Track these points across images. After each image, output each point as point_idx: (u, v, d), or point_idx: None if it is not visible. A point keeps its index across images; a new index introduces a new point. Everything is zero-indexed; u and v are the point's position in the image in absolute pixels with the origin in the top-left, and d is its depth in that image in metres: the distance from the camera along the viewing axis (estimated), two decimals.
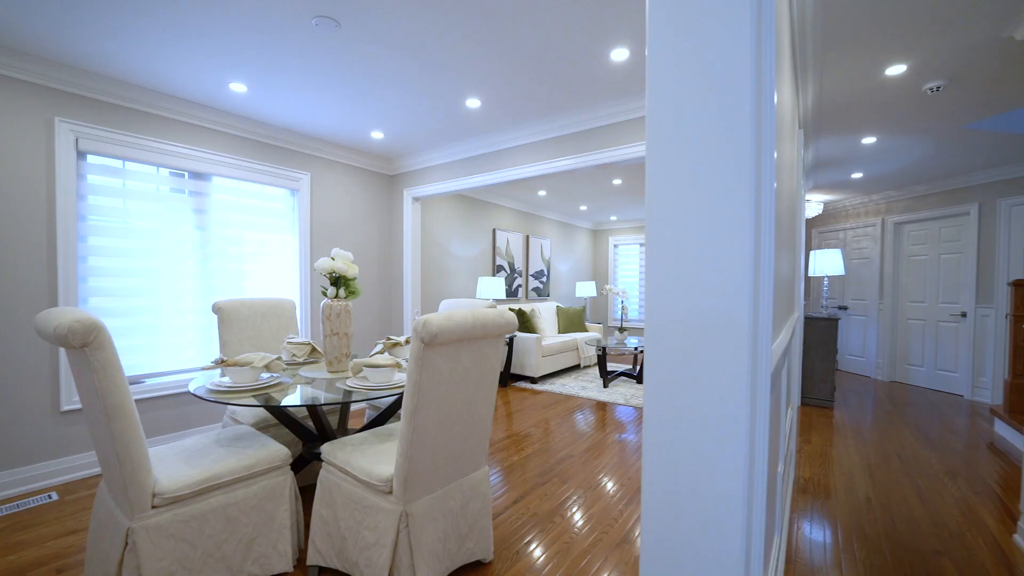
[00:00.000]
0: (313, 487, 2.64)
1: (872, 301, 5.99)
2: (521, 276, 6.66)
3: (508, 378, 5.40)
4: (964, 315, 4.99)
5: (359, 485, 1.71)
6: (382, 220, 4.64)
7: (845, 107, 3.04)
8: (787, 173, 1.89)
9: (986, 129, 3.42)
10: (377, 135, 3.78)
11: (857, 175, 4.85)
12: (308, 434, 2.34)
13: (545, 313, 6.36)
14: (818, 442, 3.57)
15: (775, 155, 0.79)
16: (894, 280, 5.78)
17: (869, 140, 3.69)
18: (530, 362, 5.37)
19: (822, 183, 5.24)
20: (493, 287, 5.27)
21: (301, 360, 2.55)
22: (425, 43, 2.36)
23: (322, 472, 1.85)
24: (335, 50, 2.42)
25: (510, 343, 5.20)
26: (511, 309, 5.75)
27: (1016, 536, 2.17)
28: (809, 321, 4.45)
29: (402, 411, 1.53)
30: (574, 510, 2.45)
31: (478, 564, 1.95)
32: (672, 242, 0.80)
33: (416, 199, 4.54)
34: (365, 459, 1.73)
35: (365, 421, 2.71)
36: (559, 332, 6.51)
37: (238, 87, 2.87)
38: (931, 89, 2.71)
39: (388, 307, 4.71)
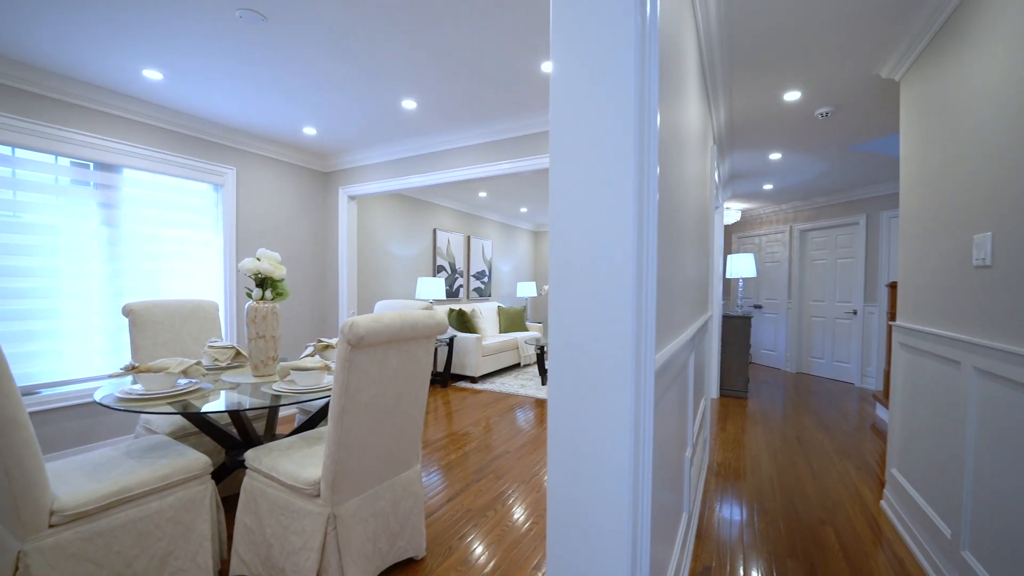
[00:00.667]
0: (238, 496, 2.54)
1: (782, 300, 6.62)
2: (462, 276, 6.69)
3: (448, 378, 5.42)
4: (855, 313, 5.65)
5: (285, 490, 1.69)
6: (316, 218, 4.50)
7: (753, 126, 3.37)
8: (695, 184, 2.09)
9: (868, 151, 3.92)
10: (310, 131, 3.67)
11: (768, 186, 5.35)
12: (232, 441, 2.25)
13: (486, 313, 6.44)
14: (732, 429, 3.92)
15: (658, 170, 0.90)
16: (800, 281, 6.43)
17: (775, 156, 4.10)
18: (471, 362, 5.42)
19: (739, 192, 5.72)
20: (433, 288, 5.27)
21: (224, 365, 2.44)
22: (358, 42, 2.34)
23: (246, 479, 1.80)
24: (262, 44, 2.35)
25: (450, 343, 5.22)
26: (451, 310, 5.78)
27: (882, 502, 2.52)
28: (726, 319, 4.85)
29: (329, 413, 1.53)
30: (509, 503, 2.54)
31: (410, 561, 1.98)
32: (568, 247, 0.89)
33: (352, 198, 4.45)
34: (292, 463, 1.70)
35: (295, 426, 2.64)
36: (500, 332, 6.62)
37: (153, 74, 2.69)
38: (821, 114, 3.08)
39: (322, 308, 4.58)
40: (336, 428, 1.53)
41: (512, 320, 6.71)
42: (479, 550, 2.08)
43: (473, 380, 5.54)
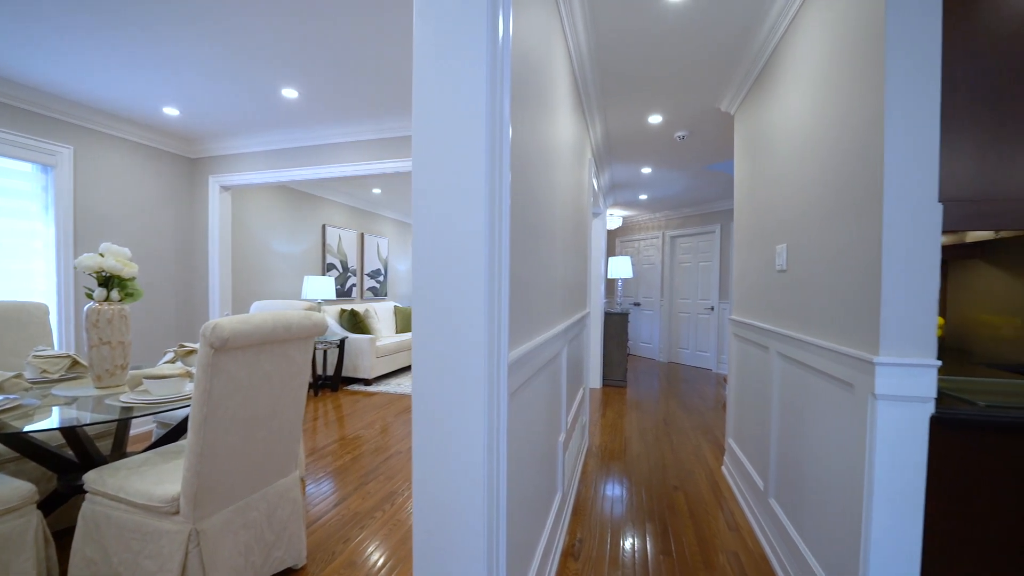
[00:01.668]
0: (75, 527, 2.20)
1: (656, 299, 7.42)
2: (355, 275, 6.43)
3: (340, 382, 5.19)
4: (712, 309, 6.56)
5: (137, 511, 1.53)
6: (181, 209, 4.01)
7: (626, 142, 3.76)
8: (569, 192, 2.30)
9: (719, 170, 4.59)
10: (171, 111, 3.28)
11: (643, 197, 5.98)
12: (67, 465, 1.95)
13: (382, 313, 6.27)
14: (611, 415, 4.33)
15: (510, 179, 1.02)
16: (671, 282, 7.27)
17: (647, 170, 4.62)
18: (364, 364, 5.25)
19: (620, 201, 6.30)
20: (322, 287, 5.00)
21: (56, 376, 2.11)
22: (230, 22, 2.17)
23: (86, 505, 1.59)
24: (109, 10, 2.06)
25: (341, 345, 5.00)
26: (343, 310, 5.53)
27: (723, 467, 3.00)
28: (607, 316, 5.32)
29: (189, 422, 1.42)
30: (399, 501, 2.54)
31: (290, 572, 1.91)
32: (426, 250, 0.97)
33: (226, 188, 4.05)
34: (145, 481, 1.55)
35: (152, 441, 2.34)
36: (397, 332, 6.49)
37: None
38: (679, 137, 3.55)
39: (189, 310, 4.10)
40: (198, 438, 1.43)
41: (409, 320, 6.62)
42: (365, 551, 2.07)
43: (367, 382, 5.37)
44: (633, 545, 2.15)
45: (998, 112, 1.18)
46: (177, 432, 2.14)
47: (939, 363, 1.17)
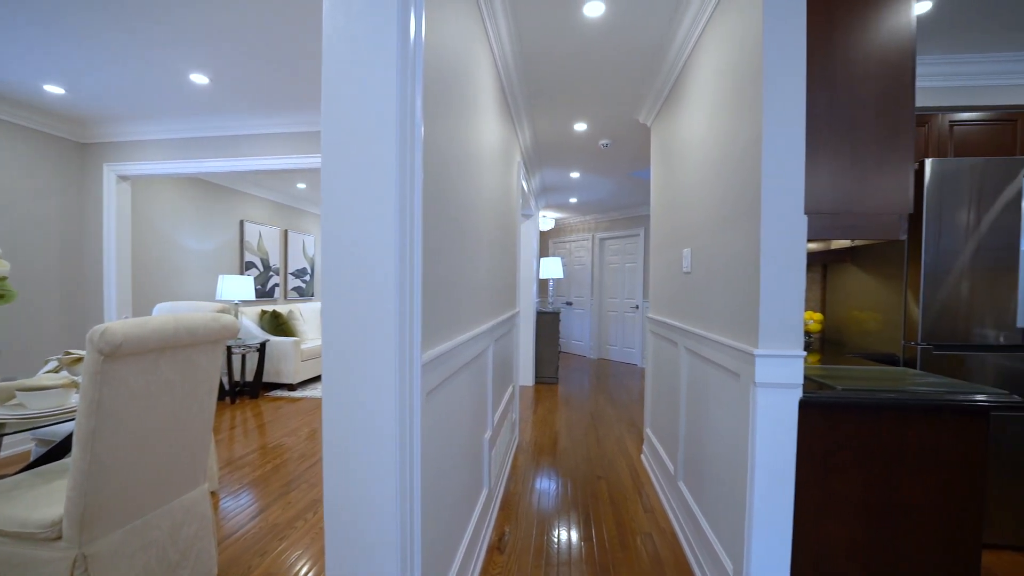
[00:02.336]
0: None
1: (587, 298, 7.72)
2: (279, 274, 6.08)
3: (260, 388, 4.88)
4: (637, 307, 6.95)
5: (8, 540, 1.36)
6: (67, 200, 3.58)
7: (554, 148, 3.90)
8: (496, 194, 2.35)
9: (642, 177, 4.88)
10: (55, 90, 2.92)
11: (574, 200, 6.20)
12: None
13: (308, 314, 5.98)
14: (542, 411, 4.46)
15: (421, 179, 1.03)
16: (600, 282, 7.60)
17: (575, 174, 4.80)
18: (287, 368, 4.98)
19: (552, 203, 6.49)
20: (239, 287, 4.68)
21: None
22: None
23: None
24: None
25: (261, 349, 4.71)
26: (263, 311, 5.22)
27: (642, 455, 3.21)
28: (540, 315, 5.47)
29: (74, 437, 1.30)
30: (320, 511, 2.46)
31: None
32: (337, 251, 0.97)
33: (124, 178, 3.67)
34: (18, 506, 1.38)
35: (30, 461, 2.07)
36: None
37: None
38: (604, 144, 3.74)
39: (79, 313, 3.67)
40: (85, 454, 1.31)
41: None
42: (285, 563, 1.99)
43: (291, 388, 5.10)
44: (557, 535, 2.25)
45: (851, 140, 1.38)
46: (63, 449, 1.92)
47: (804, 354, 1.35)
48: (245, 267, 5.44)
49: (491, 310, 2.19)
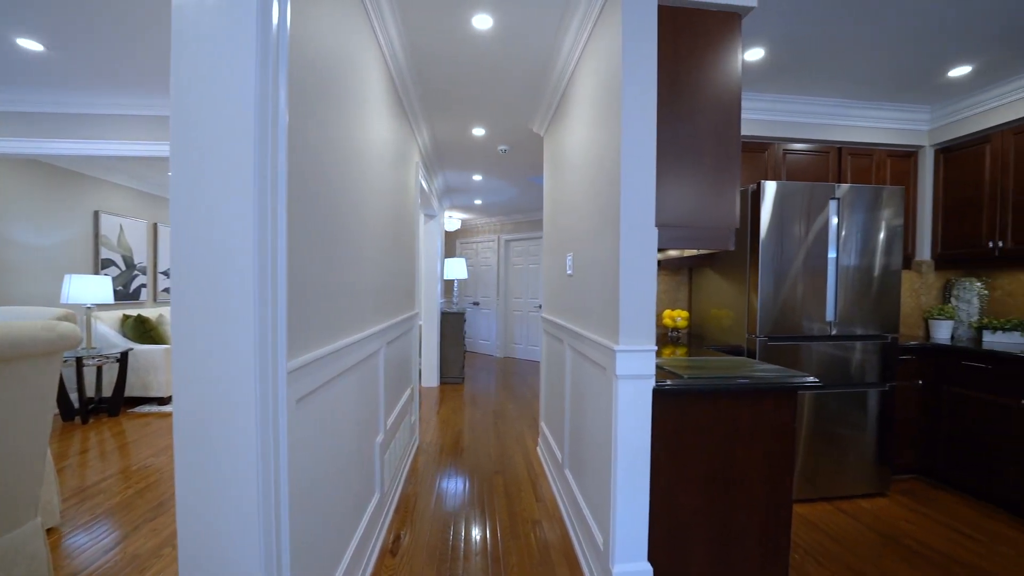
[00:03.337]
0: None
1: (493, 298, 7.88)
2: (145, 274, 5.37)
3: (121, 404, 4.28)
4: (540, 307, 7.25)
5: None
6: None
7: (454, 150, 3.94)
8: (389, 193, 2.33)
9: (538, 183, 5.11)
10: None
11: (478, 201, 6.30)
12: None
13: None
14: (445, 411, 4.48)
15: (285, 176, 1.01)
16: (505, 282, 7.80)
17: (478, 177, 4.89)
18: (157, 379, 4.43)
19: (457, 204, 6.52)
20: (93, 288, 4.06)
21: None
22: None
23: None
24: None
25: (122, 359, 4.13)
26: (126, 316, 4.58)
27: (538, 448, 3.38)
28: (444, 316, 5.48)
29: None
30: None
31: None
32: (189, 249, 0.92)
33: None
34: None
35: None
36: None
37: None
38: (502, 150, 3.87)
39: None
40: None
41: None
42: None
43: (161, 401, 4.54)
44: (453, 532, 2.30)
45: (692, 164, 1.62)
46: None
47: (656, 348, 1.55)
48: (101, 265, 4.72)
49: (383, 312, 2.18)
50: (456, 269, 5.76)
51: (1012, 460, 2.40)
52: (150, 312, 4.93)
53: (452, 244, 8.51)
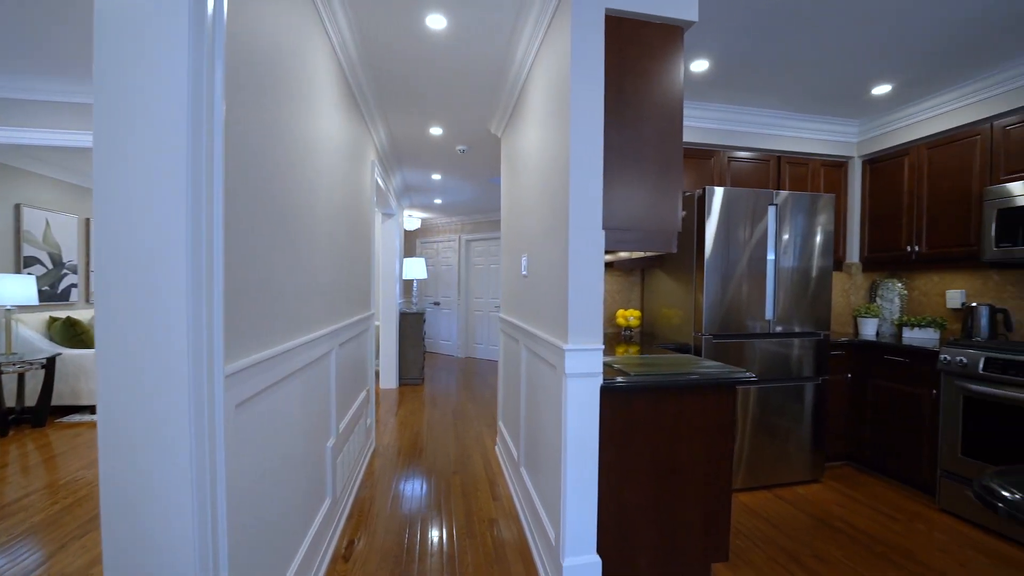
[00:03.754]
0: None
1: (454, 298, 7.84)
2: (76, 273, 4.99)
3: (48, 413, 3.96)
4: (500, 308, 7.28)
5: None
6: None
7: (412, 149, 3.90)
8: (344, 191, 2.28)
9: (497, 184, 5.13)
10: None
11: (438, 201, 6.25)
12: None
13: None
14: (404, 413, 4.42)
15: (221, 170, 0.96)
16: (466, 282, 7.78)
17: (437, 176, 4.86)
18: (88, 387, 4.13)
19: (416, 203, 6.45)
20: (14, 289, 3.74)
21: None
22: None
23: None
24: None
25: (48, 365, 3.83)
26: (53, 319, 4.25)
27: (496, 447, 3.40)
28: (403, 316, 5.40)
29: None
30: None
31: None
32: (113, 247, 0.88)
33: None
34: None
35: None
36: None
37: None
38: (461, 150, 3.86)
39: None
40: None
41: None
42: None
43: (94, 410, 4.23)
44: (408, 535, 2.28)
45: (638, 170, 1.68)
46: None
47: (603, 347, 1.60)
48: (24, 264, 4.35)
49: (335, 313, 2.13)
50: (415, 269, 5.69)
51: (925, 445, 2.63)
52: (82, 314, 4.59)
53: (412, 243, 8.40)
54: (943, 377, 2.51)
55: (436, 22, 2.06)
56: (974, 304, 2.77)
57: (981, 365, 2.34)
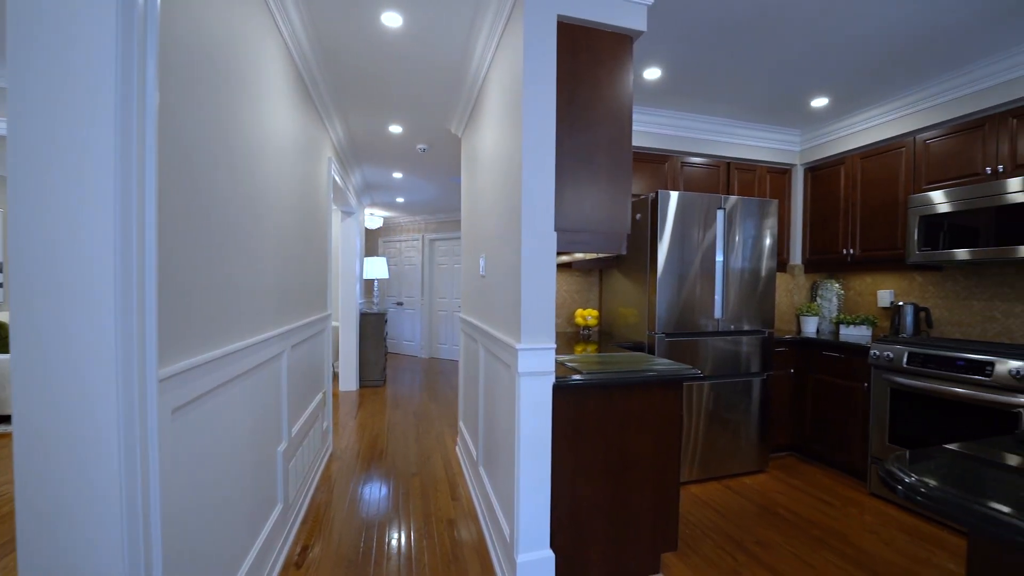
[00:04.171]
0: None
1: (418, 298, 7.75)
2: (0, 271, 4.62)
3: None
4: None
5: None
6: None
7: (371, 146, 3.83)
8: (297, 188, 2.22)
9: (459, 183, 5.12)
10: None
11: (400, 199, 6.16)
12: None
13: None
14: (363, 415, 4.34)
15: (154, 161, 0.92)
16: (430, 282, 7.71)
17: (398, 175, 4.80)
18: (8, 395, 3.82)
19: (378, 201, 6.34)
20: None
21: None
22: None
23: None
24: None
25: None
26: None
27: (456, 447, 3.40)
28: (364, 317, 5.30)
29: None
30: None
31: None
32: (32, 247, 0.84)
33: None
34: None
35: None
36: None
37: None
38: (421, 149, 3.83)
39: None
40: None
41: None
42: None
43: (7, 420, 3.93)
44: (365, 538, 2.24)
45: (589, 173, 1.73)
46: None
47: (555, 346, 1.64)
48: None
49: (287, 313, 2.07)
50: (376, 268, 5.60)
51: (858, 435, 2.83)
52: (6, 316, 4.24)
53: (374, 242, 8.25)
54: (873, 371, 2.71)
55: (392, 20, 2.04)
56: (901, 303, 3.00)
57: (905, 359, 2.54)
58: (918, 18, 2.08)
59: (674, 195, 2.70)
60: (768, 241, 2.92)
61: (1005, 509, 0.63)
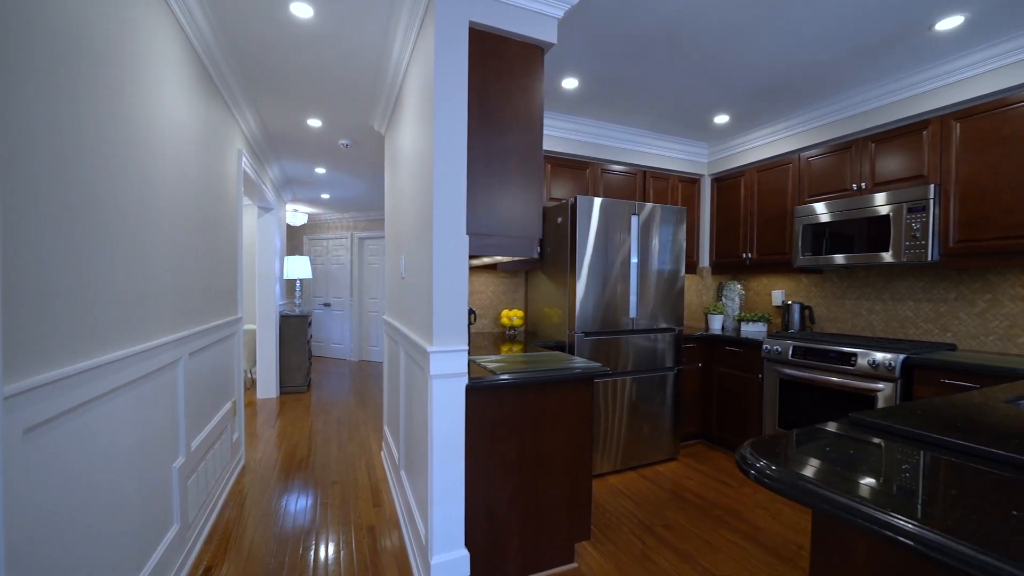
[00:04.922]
0: None
1: (346, 298, 7.46)
2: None
3: None
4: None
5: None
6: None
7: (289, 139, 3.64)
8: (197, 182, 2.06)
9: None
10: None
11: (326, 196, 5.90)
12: None
13: None
14: (283, 423, 4.11)
15: None
16: (360, 282, 7.45)
17: (321, 170, 4.59)
18: None
19: (301, 198, 6.02)
20: None
21: None
22: None
23: None
24: None
25: None
26: None
27: (382, 452, 3.32)
28: (284, 319, 5.02)
29: None
30: None
31: None
32: None
33: None
34: None
35: None
36: None
37: None
38: (344, 144, 3.70)
39: None
40: None
41: None
42: None
43: None
44: (275, 554, 2.13)
45: (502, 178, 1.77)
46: None
47: (467, 348, 1.66)
48: None
49: (184, 317, 1.92)
50: (299, 268, 5.32)
51: (754, 421, 3.12)
52: None
53: (299, 240, 7.82)
54: (766, 363, 3.01)
55: (302, 11, 1.95)
56: (790, 302, 3.36)
57: (791, 352, 2.85)
58: (799, 49, 2.34)
59: (596, 201, 2.82)
60: (679, 245, 3.15)
61: (839, 493, 0.74)
